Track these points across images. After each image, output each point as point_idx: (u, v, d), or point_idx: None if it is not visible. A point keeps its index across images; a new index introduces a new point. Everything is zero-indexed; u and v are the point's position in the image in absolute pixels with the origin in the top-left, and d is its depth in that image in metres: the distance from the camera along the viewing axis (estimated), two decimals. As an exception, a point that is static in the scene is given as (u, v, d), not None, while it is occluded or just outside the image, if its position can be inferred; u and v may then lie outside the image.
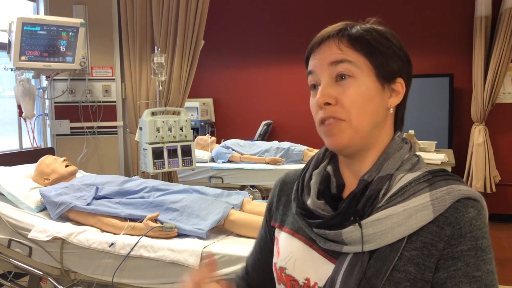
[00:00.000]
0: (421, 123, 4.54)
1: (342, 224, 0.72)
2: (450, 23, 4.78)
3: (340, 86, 0.75)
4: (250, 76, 5.58)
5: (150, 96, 3.64)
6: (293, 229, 0.84)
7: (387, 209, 0.70)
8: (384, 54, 0.76)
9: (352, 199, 0.74)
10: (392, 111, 0.78)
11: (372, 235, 0.70)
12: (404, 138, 0.81)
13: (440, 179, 0.72)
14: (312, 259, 0.78)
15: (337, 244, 0.73)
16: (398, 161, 0.76)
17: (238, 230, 2.07)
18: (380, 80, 0.76)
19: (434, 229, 0.69)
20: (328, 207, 0.76)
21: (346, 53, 0.75)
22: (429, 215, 0.68)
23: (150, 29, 3.64)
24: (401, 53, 0.78)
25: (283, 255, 0.83)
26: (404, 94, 0.79)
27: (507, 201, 4.74)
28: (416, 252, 0.69)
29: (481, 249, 0.67)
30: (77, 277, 2.15)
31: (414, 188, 0.71)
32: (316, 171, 0.82)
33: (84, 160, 3.76)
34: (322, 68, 0.77)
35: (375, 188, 0.73)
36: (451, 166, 3.42)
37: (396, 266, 0.69)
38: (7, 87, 3.68)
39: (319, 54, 0.78)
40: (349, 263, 0.71)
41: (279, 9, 5.39)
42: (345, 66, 0.74)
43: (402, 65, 0.78)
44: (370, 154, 0.78)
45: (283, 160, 4.18)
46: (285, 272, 0.82)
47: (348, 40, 0.75)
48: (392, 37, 0.78)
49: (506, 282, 3.12)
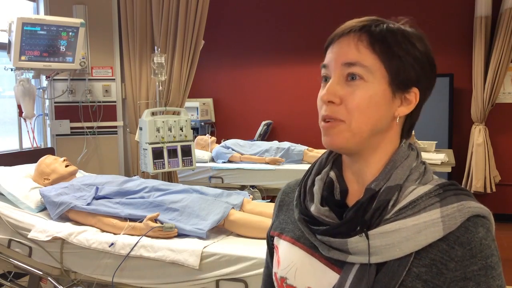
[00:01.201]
0: (421, 123, 4.46)
1: (348, 233, 0.71)
2: (450, 23, 4.78)
3: (349, 86, 0.72)
4: (250, 76, 5.58)
5: (150, 96, 3.64)
6: (294, 237, 0.82)
7: (396, 221, 0.69)
8: (402, 59, 0.72)
9: (359, 208, 0.71)
10: (398, 120, 0.75)
11: (379, 247, 0.69)
12: (410, 144, 0.79)
13: (451, 194, 0.70)
14: (313, 268, 0.77)
15: (341, 253, 0.72)
16: (407, 170, 0.73)
17: (238, 230, 2.07)
18: (392, 87, 0.72)
19: (444, 247, 0.68)
20: (332, 214, 0.74)
21: (363, 54, 0.71)
22: (439, 232, 0.67)
23: (150, 29, 3.64)
24: (424, 60, 0.73)
25: (284, 264, 0.82)
26: (418, 104, 0.75)
27: (507, 201, 4.74)
28: (425, 269, 0.68)
29: (491, 267, 0.67)
30: (77, 277, 2.15)
31: (425, 202, 0.70)
32: (318, 177, 0.80)
33: (84, 160, 3.76)
34: (336, 65, 0.73)
35: (384, 199, 0.71)
36: (451, 166, 3.42)
37: (404, 282, 0.67)
38: (7, 87, 3.68)
39: (337, 48, 0.74)
40: (356, 276, 0.70)
41: (279, 9, 5.39)
42: (358, 70, 0.71)
43: (422, 73, 0.74)
44: (373, 159, 0.76)
45: (283, 160, 4.17)
46: (286, 282, 0.80)
47: (369, 39, 0.72)
48: (418, 41, 0.73)
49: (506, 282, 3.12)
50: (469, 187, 4.61)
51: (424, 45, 0.74)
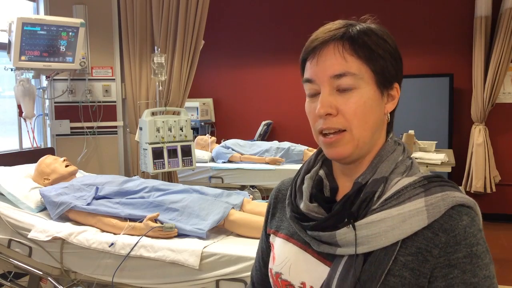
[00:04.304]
0: (421, 123, 4.54)
1: (336, 226, 0.72)
2: (450, 23, 4.78)
3: (342, 96, 0.73)
4: (250, 76, 5.58)
5: (150, 96, 3.64)
6: (288, 234, 0.84)
7: (381, 212, 0.70)
8: (383, 58, 0.74)
9: (346, 201, 0.73)
10: (387, 116, 0.78)
11: (365, 237, 0.70)
12: (396, 140, 0.80)
13: (436, 185, 0.72)
14: (307, 263, 0.78)
15: (331, 246, 0.73)
16: (392, 163, 0.75)
17: (238, 230, 2.07)
18: (380, 87, 0.75)
19: (429, 235, 0.68)
20: (321, 209, 0.76)
21: (350, 62, 0.72)
22: (423, 220, 0.68)
23: (150, 29, 3.64)
24: (396, 54, 0.76)
25: (279, 260, 0.83)
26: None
27: (507, 201, 4.74)
28: (411, 257, 0.68)
29: (476, 256, 0.67)
30: (77, 277, 2.15)
31: (409, 192, 0.71)
32: (308, 176, 0.82)
33: (84, 160, 3.76)
34: (324, 78, 0.73)
35: (370, 191, 0.73)
36: (451, 166, 3.41)
37: (391, 271, 0.69)
38: (7, 87, 3.68)
39: (321, 61, 0.74)
40: (344, 267, 0.71)
41: (279, 9, 5.39)
42: (348, 81, 0.72)
43: (398, 67, 0.76)
44: (366, 158, 0.77)
45: (283, 160, 4.18)
46: (281, 277, 0.82)
47: (351, 46, 0.73)
48: (387, 37, 0.75)
49: (506, 282, 3.12)
50: (469, 187, 4.62)
51: (392, 40, 0.77)
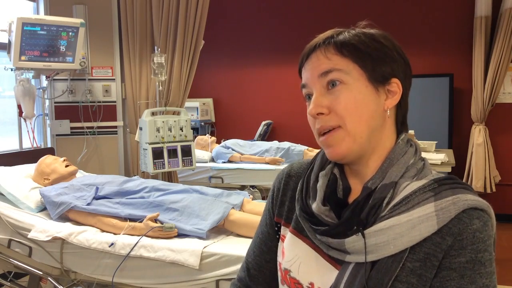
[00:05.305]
0: (421, 123, 4.54)
1: (345, 233, 0.71)
2: (450, 23, 4.78)
3: (331, 94, 0.74)
4: (250, 76, 5.58)
5: (150, 96, 3.64)
6: (297, 229, 0.83)
7: (390, 218, 0.69)
8: (373, 56, 0.74)
9: (355, 207, 0.72)
10: (389, 113, 0.77)
11: (374, 246, 0.69)
12: (409, 139, 0.79)
13: (447, 188, 0.70)
14: (317, 264, 0.77)
15: (340, 252, 0.73)
16: (403, 167, 0.74)
17: (238, 230, 2.07)
18: (373, 83, 0.74)
19: (437, 240, 0.67)
20: (332, 213, 0.75)
21: (334, 61, 0.74)
22: (433, 226, 0.67)
23: (150, 29, 3.64)
24: (394, 54, 0.76)
25: (288, 256, 0.82)
26: (403, 94, 0.77)
27: (507, 201, 4.74)
28: (419, 263, 0.67)
29: (480, 263, 0.65)
30: (77, 277, 2.15)
31: (419, 197, 0.69)
32: (322, 173, 0.80)
33: (84, 160, 3.76)
34: (313, 80, 0.77)
35: (378, 197, 0.71)
36: (451, 166, 3.42)
37: (399, 277, 0.67)
38: (7, 87, 3.68)
39: (308, 65, 0.78)
40: (351, 273, 0.70)
41: (279, 9, 5.39)
42: (334, 75, 0.74)
43: (397, 66, 0.76)
44: (372, 159, 0.76)
45: (283, 160, 4.18)
46: (290, 274, 0.81)
47: (335, 47, 0.75)
48: (383, 39, 0.76)
49: (506, 282, 3.12)
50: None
51: (390, 40, 0.77)
